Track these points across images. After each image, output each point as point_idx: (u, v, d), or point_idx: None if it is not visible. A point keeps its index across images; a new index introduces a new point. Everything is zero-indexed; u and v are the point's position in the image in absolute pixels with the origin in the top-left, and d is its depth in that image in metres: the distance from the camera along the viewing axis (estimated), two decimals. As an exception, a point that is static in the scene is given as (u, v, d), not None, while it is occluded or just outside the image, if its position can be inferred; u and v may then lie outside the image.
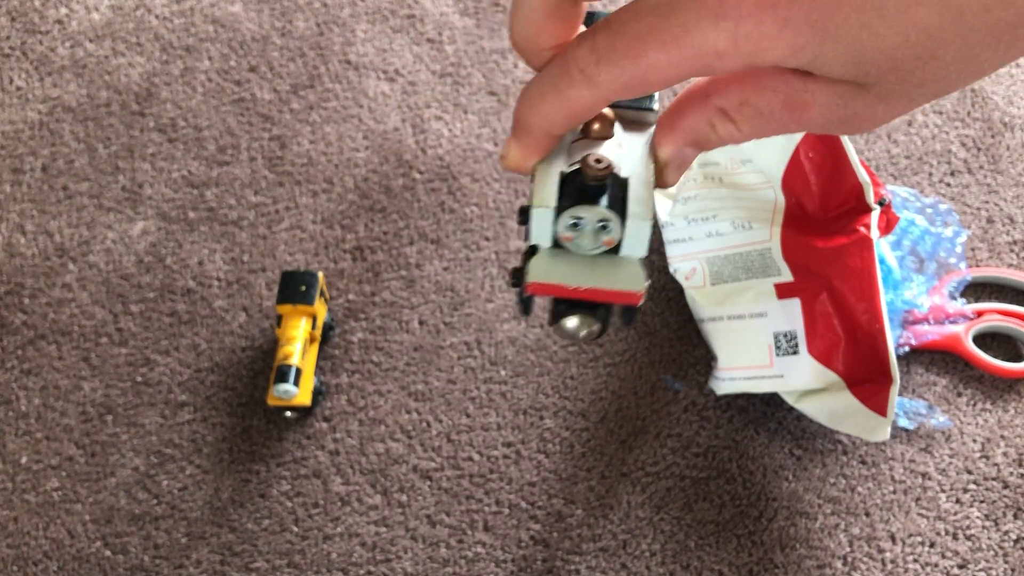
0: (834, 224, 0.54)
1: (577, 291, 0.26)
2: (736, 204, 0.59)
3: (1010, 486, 0.61)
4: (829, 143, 0.53)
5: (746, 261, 0.59)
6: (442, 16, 0.80)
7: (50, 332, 0.66)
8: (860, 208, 0.53)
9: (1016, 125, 0.74)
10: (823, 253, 0.55)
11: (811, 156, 0.54)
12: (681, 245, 0.62)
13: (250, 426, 0.63)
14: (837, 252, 0.54)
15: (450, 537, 0.60)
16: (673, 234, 0.62)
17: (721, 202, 0.60)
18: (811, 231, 0.55)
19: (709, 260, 0.61)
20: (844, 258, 0.53)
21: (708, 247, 0.61)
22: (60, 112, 0.75)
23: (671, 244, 0.63)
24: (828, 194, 0.54)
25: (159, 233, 0.70)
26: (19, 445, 0.63)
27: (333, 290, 0.68)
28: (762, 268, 0.58)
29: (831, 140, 0.53)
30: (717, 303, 0.60)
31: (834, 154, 0.53)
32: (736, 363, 0.60)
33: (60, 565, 0.59)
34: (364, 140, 0.74)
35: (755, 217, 0.58)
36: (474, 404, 0.64)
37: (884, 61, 0.26)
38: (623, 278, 0.26)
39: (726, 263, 0.60)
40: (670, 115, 0.30)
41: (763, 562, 0.59)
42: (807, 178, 0.54)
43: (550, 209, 0.26)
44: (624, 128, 0.28)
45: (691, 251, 0.62)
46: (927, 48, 0.25)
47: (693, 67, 0.26)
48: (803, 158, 0.54)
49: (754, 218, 0.58)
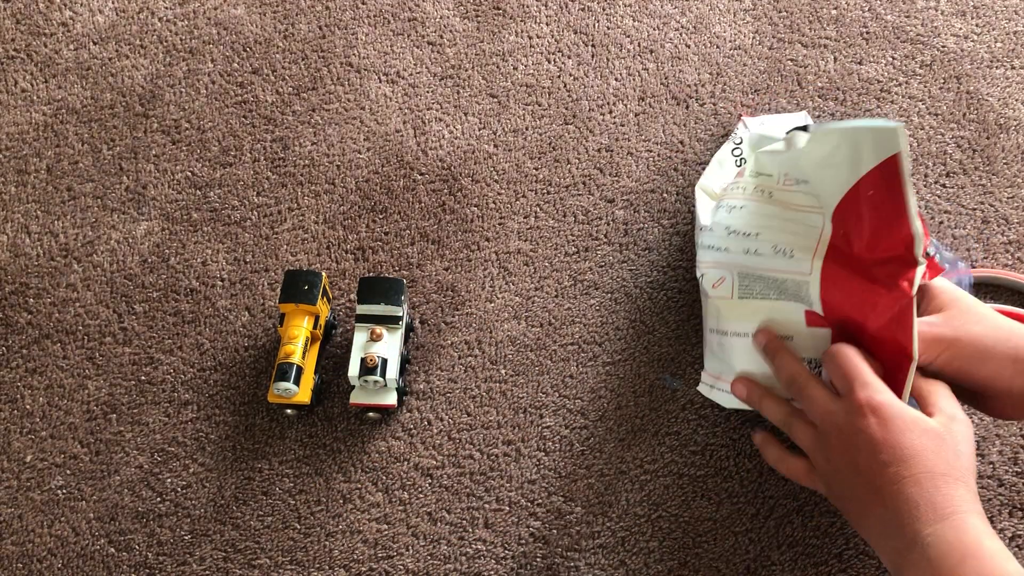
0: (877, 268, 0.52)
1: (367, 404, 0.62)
2: (781, 226, 0.56)
3: (1005, 484, 0.61)
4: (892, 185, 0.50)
5: (780, 286, 0.57)
6: (443, 19, 0.81)
7: (55, 331, 0.67)
8: (907, 259, 0.51)
9: (1011, 127, 0.75)
10: (862, 300, 0.52)
11: (871, 194, 0.51)
12: (715, 253, 0.60)
13: (253, 424, 0.64)
14: (875, 302, 0.51)
15: (451, 534, 0.61)
16: (709, 239, 0.60)
17: (767, 220, 0.57)
18: (852, 269, 0.53)
19: (741, 275, 0.58)
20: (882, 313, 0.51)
21: (744, 262, 0.58)
22: (64, 114, 0.76)
23: (704, 249, 0.61)
24: (879, 236, 0.51)
25: (163, 233, 0.71)
26: (24, 443, 0.63)
27: (335, 290, 0.68)
28: (795, 295, 0.56)
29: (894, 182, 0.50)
30: (744, 318, 0.58)
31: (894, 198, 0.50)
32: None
33: (65, 562, 0.60)
34: (366, 141, 0.75)
35: (798, 244, 0.55)
36: (474, 402, 0.65)
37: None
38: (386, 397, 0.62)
39: (758, 281, 0.58)
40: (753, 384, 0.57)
41: (760, 559, 0.59)
42: (861, 214, 0.52)
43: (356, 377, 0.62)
44: (387, 332, 0.62)
45: (724, 260, 0.59)
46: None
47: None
48: (863, 194, 0.51)
49: (797, 245, 0.55)
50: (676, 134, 0.75)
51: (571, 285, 0.69)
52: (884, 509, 0.47)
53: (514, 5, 0.81)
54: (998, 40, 0.80)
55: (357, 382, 0.62)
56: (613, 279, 0.69)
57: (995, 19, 0.81)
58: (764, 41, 0.80)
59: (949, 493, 0.46)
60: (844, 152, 0.51)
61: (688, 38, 0.80)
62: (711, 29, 0.80)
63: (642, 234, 0.71)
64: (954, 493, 0.46)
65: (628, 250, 0.70)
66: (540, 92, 0.77)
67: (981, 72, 0.78)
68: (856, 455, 0.48)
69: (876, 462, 0.47)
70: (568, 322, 0.67)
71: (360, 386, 0.62)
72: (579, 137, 0.75)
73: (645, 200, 0.72)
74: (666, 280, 0.69)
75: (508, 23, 0.80)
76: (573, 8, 0.81)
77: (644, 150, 0.74)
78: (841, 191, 0.52)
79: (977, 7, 0.82)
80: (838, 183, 0.52)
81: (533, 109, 0.76)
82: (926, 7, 0.82)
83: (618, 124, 0.76)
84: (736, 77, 0.78)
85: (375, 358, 0.61)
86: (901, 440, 0.47)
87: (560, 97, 0.77)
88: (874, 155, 0.50)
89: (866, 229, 0.52)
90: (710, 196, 0.66)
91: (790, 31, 0.80)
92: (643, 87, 0.77)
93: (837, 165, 0.52)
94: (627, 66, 0.79)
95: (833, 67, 0.78)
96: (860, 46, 0.79)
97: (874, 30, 0.80)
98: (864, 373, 0.50)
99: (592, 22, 0.81)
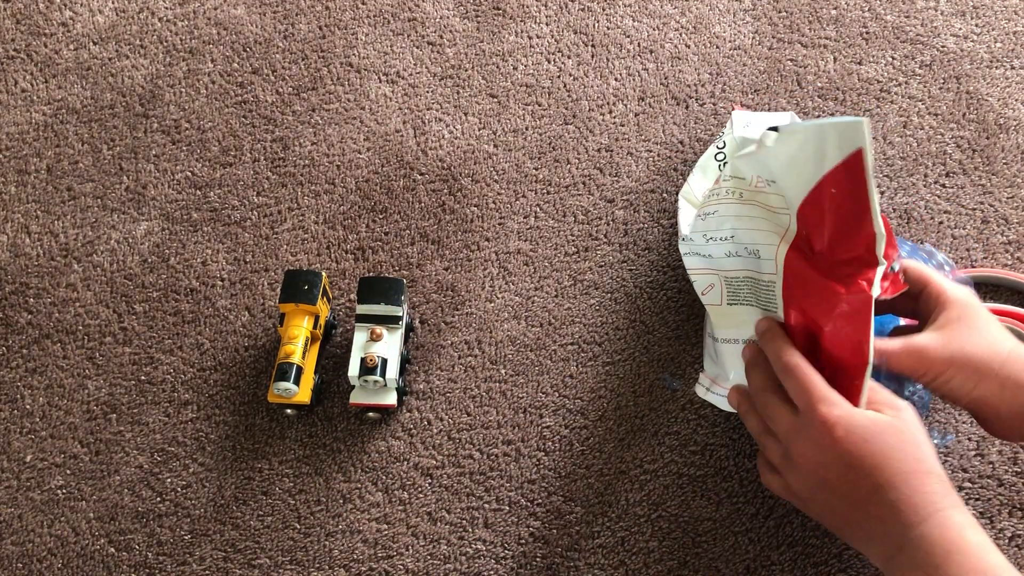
0: (838, 267, 0.51)
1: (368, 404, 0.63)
2: (753, 225, 0.56)
3: (1005, 484, 0.61)
4: (855, 182, 0.49)
5: (756, 289, 0.57)
6: (443, 19, 0.81)
7: (55, 331, 0.67)
8: (868, 259, 0.50)
9: (1011, 127, 0.75)
10: (820, 296, 0.51)
11: (834, 192, 0.50)
12: (700, 259, 0.60)
13: (253, 424, 0.64)
14: (833, 301, 0.50)
15: (451, 534, 0.61)
16: (691, 248, 0.60)
17: (739, 221, 0.57)
18: (812, 267, 0.52)
19: (728, 281, 0.59)
20: (839, 310, 0.50)
21: (727, 267, 0.58)
22: (65, 114, 0.76)
23: (689, 256, 0.61)
24: (840, 235, 0.50)
25: (163, 233, 0.71)
26: (24, 443, 0.63)
27: (335, 290, 0.68)
28: (768, 302, 0.55)
29: (857, 179, 0.49)
30: (733, 325, 0.59)
31: (857, 196, 0.49)
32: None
33: (64, 562, 0.60)
34: (366, 141, 0.75)
35: (764, 243, 0.55)
36: (474, 402, 0.65)
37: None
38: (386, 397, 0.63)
39: (743, 285, 0.58)
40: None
41: (759, 559, 0.59)
42: (823, 213, 0.51)
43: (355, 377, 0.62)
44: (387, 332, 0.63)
45: (710, 267, 0.59)
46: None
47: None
48: (825, 191, 0.50)
49: (763, 243, 0.55)
50: (676, 134, 0.75)
51: (571, 285, 0.69)
52: (866, 518, 0.48)
53: (514, 5, 0.81)
54: (998, 40, 0.80)
55: (357, 382, 0.62)
56: (613, 279, 0.69)
57: (995, 19, 0.81)
58: (764, 41, 0.80)
59: (926, 490, 0.47)
60: (809, 150, 0.50)
61: (688, 38, 0.80)
62: (711, 29, 0.80)
63: (642, 234, 0.71)
64: (930, 489, 0.47)
65: (628, 250, 0.70)
66: (540, 92, 0.77)
67: (981, 72, 0.78)
68: (826, 472, 0.49)
69: (849, 477, 0.48)
70: (568, 322, 0.68)
71: (360, 386, 0.62)
72: (579, 137, 0.75)
73: (645, 200, 0.72)
74: (666, 280, 0.69)
75: (508, 23, 0.80)
76: (573, 8, 0.81)
77: (644, 150, 0.74)
78: (805, 189, 0.51)
79: (977, 7, 0.82)
80: (803, 181, 0.51)
81: (533, 109, 0.76)
82: (926, 7, 0.82)
83: (618, 124, 0.76)
84: (736, 77, 0.78)
85: (375, 358, 0.61)
86: (868, 449, 0.48)
87: (560, 97, 0.77)
88: (838, 151, 0.49)
89: (828, 228, 0.51)
90: (693, 205, 0.65)
91: (790, 31, 0.80)
92: (643, 87, 0.77)
93: (802, 163, 0.51)
94: (627, 66, 0.79)
95: (833, 67, 0.78)
96: (860, 46, 0.79)
97: (874, 30, 0.80)
98: (819, 388, 0.50)
99: (592, 22, 0.81)
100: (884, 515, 0.47)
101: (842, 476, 0.48)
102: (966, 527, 0.46)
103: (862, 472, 0.48)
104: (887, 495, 0.47)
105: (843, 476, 0.48)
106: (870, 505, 0.48)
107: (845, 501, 0.49)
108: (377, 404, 0.62)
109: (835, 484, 0.49)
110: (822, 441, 0.49)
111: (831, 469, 0.49)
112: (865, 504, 0.48)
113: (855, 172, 0.49)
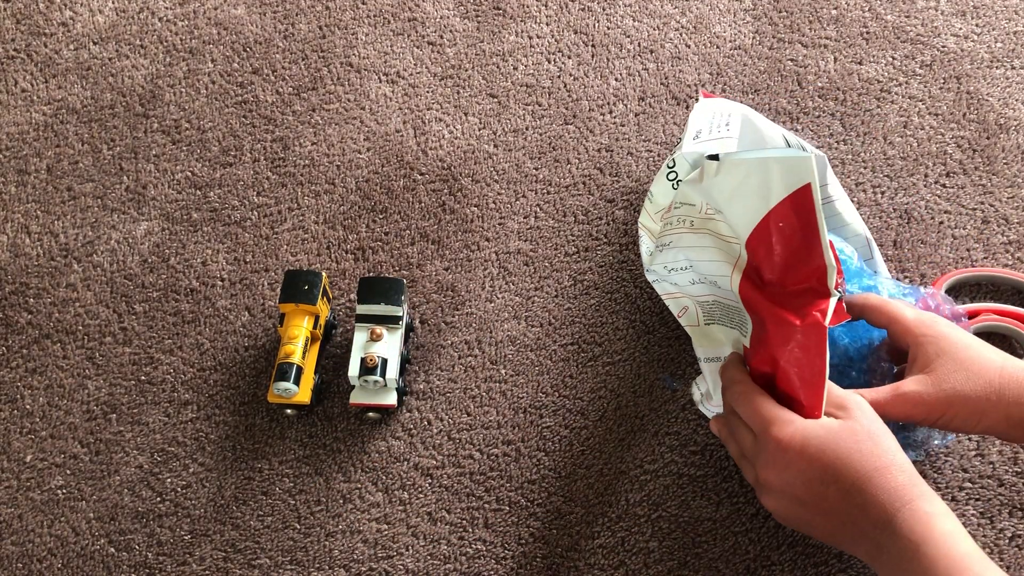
0: (790, 299, 0.50)
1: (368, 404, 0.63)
2: (705, 256, 0.56)
3: (1005, 484, 0.61)
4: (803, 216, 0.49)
5: (728, 311, 0.57)
6: (443, 19, 0.81)
7: (55, 331, 0.67)
8: (819, 291, 0.49)
9: (1011, 127, 0.75)
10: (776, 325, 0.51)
11: (781, 225, 0.49)
12: (668, 285, 0.60)
13: (253, 424, 0.64)
14: (788, 331, 0.50)
15: (451, 534, 0.61)
16: (656, 276, 0.60)
17: (693, 252, 0.56)
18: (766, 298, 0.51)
19: (699, 303, 0.59)
20: (795, 340, 0.50)
21: (695, 292, 0.59)
22: (65, 114, 0.76)
23: (657, 283, 0.61)
24: (790, 267, 0.50)
25: (163, 233, 0.71)
26: (24, 443, 0.63)
27: (335, 290, 0.68)
28: (741, 323, 0.55)
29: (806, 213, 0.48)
30: (713, 344, 0.59)
31: (806, 230, 0.49)
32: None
33: (64, 562, 0.60)
34: (366, 142, 0.75)
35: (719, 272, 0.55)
36: (474, 402, 0.65)
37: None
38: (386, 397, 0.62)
39: (714, 307, 0.58)
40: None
41: (760, 559, 0.59)
42: (772, 246, 0.50)
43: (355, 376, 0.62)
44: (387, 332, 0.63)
45: (677, 293, 0.60)
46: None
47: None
48: (773, 225, 0.49)
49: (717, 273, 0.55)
50: (676, 134, 0.75)
51: (571, 285, 0.69)
52: (843, 525, 0.49)
53: (514, 5, 0.81)
54: (998, 40, 0.80)
55: (357, 382, 0.62)
56: (613, 279, 0.69)
57: (995, 19, 0.81)
58: (764, 41, 0.80)
59: (890, 487, 0.47)
60: (754, 183, 0.49)
61: (688, 38, 0.80)
62: (711, 29, 0.80)
63: (642, 234, 0.71)
64: (895, 483, 0.47)
65: (628, 250, 0.70)
66: (540, 92, 0.77)
67: (981, 72, 0.78)
68: (794, 491, 0.50)
69: (816, 490, 0.49)
70: (568, 322, 0.67)
71: (360, 386, 0.62)
72: (579, 137, 0.75)
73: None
74: (666, 280, 0.69)
75: (508, 23, 0.81)
76: (573, 8, 0.81)
77: (644, 150, 0.74)
78: (752, 221, 0.51)
79: (977, 7, 0.82)
80: (748, 213, 0.51)
81: (533, 109, 0.76)
82: (926, 7, 0.82)
83: (618, 124, 0.76)
84: (736, 77, 0.78)
85: (375, 358, 0.61)
86: (826, 459, 0.48)
87: (560, 97, 0.77)
88: (783, 186, 0.48)
89: (778, 259, 0.50)
90: (651, 233, 0.64)
91: (790, 31, 0.80)
92: (643, 87, 0.77)
93: (747, 195, 0.50)
94: (627, 66, 0.79)
95: (833, 67, 0.78)
96: (860, 46, 0.79)
97: (874, 30, 0.80)
98: (769, 410, 0.50)
99: (592, 22, 0.81)
100: (857, 519, 0.48)
101: (809, 491, 0.49)
102: (935, 516, 0.46)
103: (827, 482, 0.48)
104: (855, 499, 0.47)
105: (810, 490, 0.49)
106: (842, 512, 0.48)
107: (819, 514, 0.49)
108: (377, 404, 0.62)
109: (805, 499, 0.49)
110: (781, 462, 0.49)
111: (796, 487, 0.49)
112: (838, 512, 0.48)
113: (803, 207, 0.48)
